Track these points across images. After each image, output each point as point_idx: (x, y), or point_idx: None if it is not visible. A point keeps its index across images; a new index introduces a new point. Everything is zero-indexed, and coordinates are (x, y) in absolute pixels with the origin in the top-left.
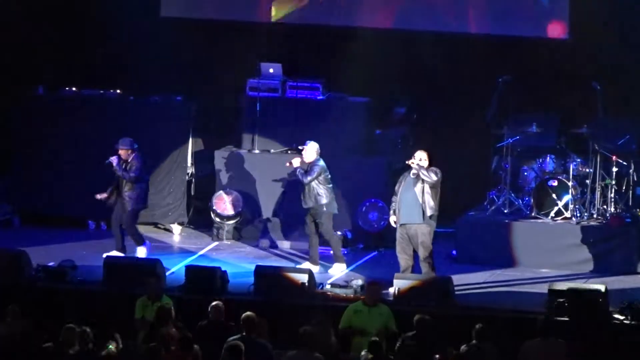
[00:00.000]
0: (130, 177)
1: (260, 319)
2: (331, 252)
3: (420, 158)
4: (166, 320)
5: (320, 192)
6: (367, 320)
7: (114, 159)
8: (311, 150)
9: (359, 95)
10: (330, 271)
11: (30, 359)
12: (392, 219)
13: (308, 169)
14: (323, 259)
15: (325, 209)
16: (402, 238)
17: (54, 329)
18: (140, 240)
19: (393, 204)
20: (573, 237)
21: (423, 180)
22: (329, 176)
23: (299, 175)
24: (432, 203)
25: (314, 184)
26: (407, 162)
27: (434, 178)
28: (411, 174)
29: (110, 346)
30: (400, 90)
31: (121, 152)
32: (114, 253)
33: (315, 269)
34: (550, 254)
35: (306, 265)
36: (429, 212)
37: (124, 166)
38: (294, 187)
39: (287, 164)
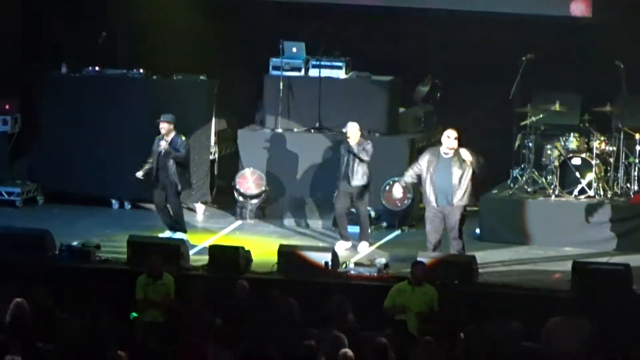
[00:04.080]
0: (178, 155)
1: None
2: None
3: (448, 136)
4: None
5: (366, 170)
6: (410, 299)
7: (163, 142)
8: (355, 131)
9: (382, 74)
10: (359, 249)
11: (52, 337)
12: (400, 185)
13: (360, 149)
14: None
15: (368, 189)
16: (436, 217)
17: (78, 309)
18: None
19: (409, 174)
20: (596, 215)
21: (462, 164)
22: None
23: (359, 154)
24: (470, 190)
25: (361, 162)
26: (446, 145)
27: (479, 162)
28: (442, 153)
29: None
30: (424, 69)
31: (164, 126)
32: (167, 234)
33: (349, 245)
34: (573, 232)
35: (341, 244)
36: (465, 202)
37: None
38: (318, 166)
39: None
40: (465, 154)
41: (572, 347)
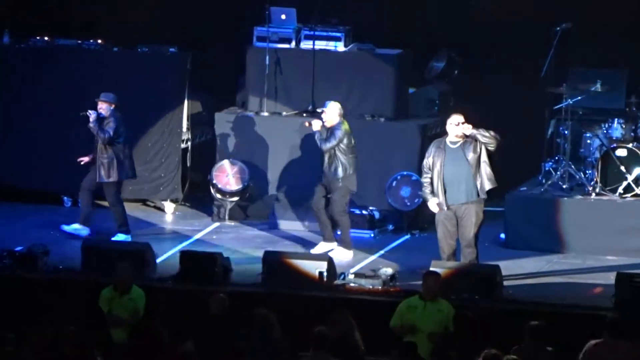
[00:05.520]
0: (104, 137)
1: (271, 314)
2: (339, 233)
3: (458, 122)
4: None
5: (341, 162)
6: (421, 317)
7: (92, 113)
8: (332, 112)
9: (389, 47)
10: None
11: None
12: (434, 201)
13: (328, 134)
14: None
15: (341, 183)
16: (449, 220)
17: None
18: (124, 225)
19: (427, 184)
20: None
21: (476, 148)
22: (353, 144)
23: (318, 141)
24: (490, 172)
25: (336, 151)
26: (453, 133)
27: (498, 138)
28: (449, 143)
29: None
30: (439, 40)
31: (101, 105)
32: (75, 226)
33: (333, 246)
34: (617, 237)
35: (321, 246)
36: (489, 185)
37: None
38: (311, 156)
39: (306, 124)
40: (467, 129)
41: None
